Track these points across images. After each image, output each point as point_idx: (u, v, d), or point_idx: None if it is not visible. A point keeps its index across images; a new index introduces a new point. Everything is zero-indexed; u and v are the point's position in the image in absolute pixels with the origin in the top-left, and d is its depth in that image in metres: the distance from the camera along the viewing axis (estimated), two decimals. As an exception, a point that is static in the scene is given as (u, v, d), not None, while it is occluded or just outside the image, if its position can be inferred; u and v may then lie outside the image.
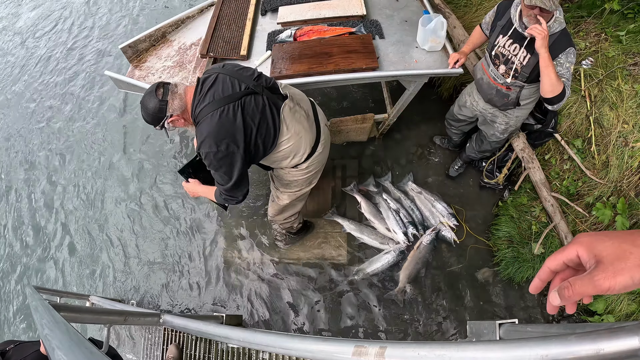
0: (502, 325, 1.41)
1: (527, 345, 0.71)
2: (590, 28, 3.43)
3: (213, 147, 2.04)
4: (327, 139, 2.68)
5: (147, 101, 2.08)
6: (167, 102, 2.07)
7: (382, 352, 0.90)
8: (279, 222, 3.33)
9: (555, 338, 0.68)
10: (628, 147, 2.99)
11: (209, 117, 2.05)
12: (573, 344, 0.64)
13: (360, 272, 3.60)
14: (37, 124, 5.56)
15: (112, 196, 4.59)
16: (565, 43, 2.38)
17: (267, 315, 3.62)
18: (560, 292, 0.65)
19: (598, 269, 0.62)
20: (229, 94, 2.08)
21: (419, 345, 0.86)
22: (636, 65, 3.13)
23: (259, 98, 2.16)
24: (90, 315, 1.82)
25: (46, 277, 4.29)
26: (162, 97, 2.06)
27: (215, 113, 2.04)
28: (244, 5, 3.55)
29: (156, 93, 2.07)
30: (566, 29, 2.40)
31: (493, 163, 3.71)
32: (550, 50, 2.37)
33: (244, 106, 2.08)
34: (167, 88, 2.09)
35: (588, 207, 3.15)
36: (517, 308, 3.40)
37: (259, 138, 2.17)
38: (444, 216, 3.73)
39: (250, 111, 2.10)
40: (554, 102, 2.48)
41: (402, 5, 3.51)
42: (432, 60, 3.06)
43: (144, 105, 2.11)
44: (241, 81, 2.15)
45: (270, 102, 2.20)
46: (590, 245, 0.65)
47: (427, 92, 4.48)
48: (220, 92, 2.09)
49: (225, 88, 2.10)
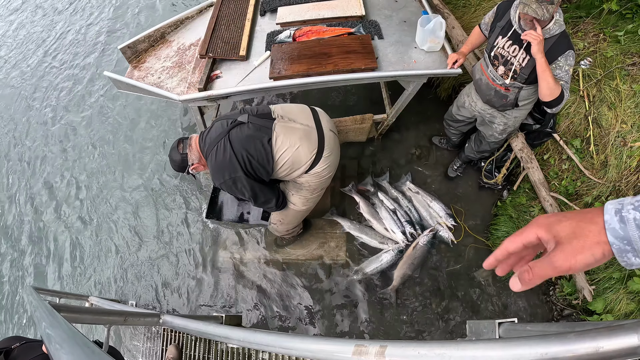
0: (502, 325, 1.42)
1: (527, 344, 0.71)
2: (589, 28, 3.44)
3: (220, 178, 2.51)
4: (334, 144, 2.78)
5: (173, 156, 2.59)
6: (187, 154, 2.56)
7: (383, 351, 0.90)
8: (281, 233, 3.48)
9: (555, 336, 0.68)
10: (626, 147, 3.00)
11: (210, 158, 2.51)
12: (572, 342, 0.64)
13: (360, 271, 3.61)
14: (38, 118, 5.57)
15: (109, 195, 4.58)
16: (565, 46, 2.38)
17: (267, 316, 3.62)
18: (520, 276, 0.66)
19: (556, 249, 0.62)
20: (219, 133, 2.50)
21: (419, 344, 0.86)
22: (634, 66, 3.14)
23: (244, 127, 2.53)
24: (90, 315, 1.82)
25: (43, 278, 4.28)
26: (182, 151, 2.56)
27: (212, 153, 2.48)
28: (243, 6, 3.56)
29: (178, 148, 2.57)
30: (565, 32, 2.41)
31: (492, 163, 3.72)
32: (549, 53, 2.38)
33: (231, 138, 2.48)
34: (185, 143, 2.58)
35: (587, 206, 3.15)
36: (515, 307, 3.40)
37: (252, 159, 2.50)
38: (441, 216, 3.74)
39: (236, 140, 2.48)
40: (552, 105, 2.49)
41: (401, 5, 3.52)
42: (431, 60, 3.06)
43: (171, 159, 2.62)
44: (229, 118, 2.58)
45: (257, 126, 2.54)
46: (549, 227, 0.65)
47: (425, 92, 4.50)
48: (213, 134, 2.52)
49: (216, 130, 2.54)
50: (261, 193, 2.67)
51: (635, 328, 0.59)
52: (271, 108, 2.69)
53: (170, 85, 3.10)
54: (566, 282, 3.21)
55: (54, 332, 1.13)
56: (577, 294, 3.07)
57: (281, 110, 2.68)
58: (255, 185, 2.59)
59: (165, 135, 4.89)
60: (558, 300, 3.33)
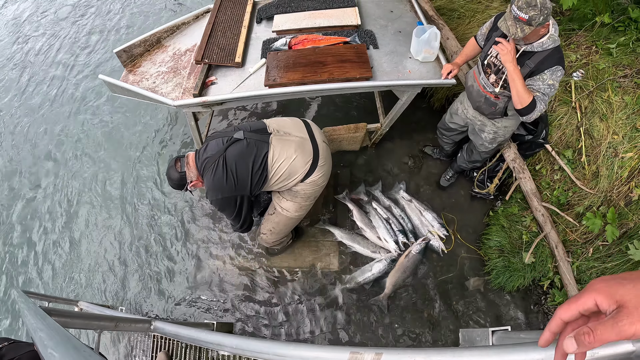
0: (495, 333, 1.42)
1: (522, 350, 0.72)
2: (582, 41, 3.49)
3: (213, 197, 2.59)
4: (327, 154, 2.84)
5: (172, 174, 2.62)
6: (185, 172, 2.60)
7: (378, 358, 0.90)
8: (271, 244, 3.47)
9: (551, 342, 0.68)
10: (618, 158, 3.03)
11: (206, 177, 2.58)
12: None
13: (352, 280, 3.60)
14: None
15: (94, 201, 4.54)
16: (555, 61, 2.41)
17: (258, 323, 3.60)
18: (578, 338, 0.61)
19: (622, 313, 0.59)
20: (215, 152, 2.56)
21: (415, 352, 0.86)
22: (626, 78, 3.19)
23: (241, 143, 2.58)
24: (80, 320, 1.79)
25: (28, 282, 4.20)
26: (181, 169, 2.60)
27: (208, 172, 2.55)
28: (239, 13, 3.57)
29: (176, 166, 2.61)
30: (559, 47, 2.42)
31: (484, 173, 3.74)
32: (539, 65, 2.42)
33: (227, 157, 2.54)
34: (183, 161, 2.62)
35: (578, 216, 3.18)
36: (507, 317, 3.41)
37: (250, 171, 2.58)
38: (433, 226, 3.75)
39: (232, 159, 2.54)
40: (522, 113, 2.52)
41: (397, 16, 3.55)
42: (425, 70, 3.09)
43: (169, 176, 2.65)
44: (224, 137, 2.62)
45: (254, 141, 2.60)
46: (610, 291, 0.62)
47: (419, 102, 4.52)
48: (209, 153, 2.57)
49: (211, 148, 2.59)
50: (247, 215, 2.85)
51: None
52: (265, 123, 2.75)
53: (165, 90, 3.10)
54: (557, 291, 3.22)
55: (46, 334, 1.12)
56: (569, 304, 3.07)
57: (275, 124, 2.74)
58: (243, 208, 2.76)
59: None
60: (550, 310, 3.34)
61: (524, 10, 2.18)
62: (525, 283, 3.35)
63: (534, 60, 2.43)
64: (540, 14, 2.17)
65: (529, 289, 3.49)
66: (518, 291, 3.47)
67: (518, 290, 3.45)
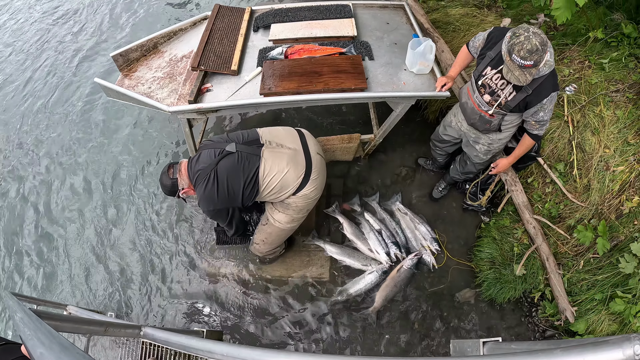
0: (486, 344, 1.42)
1: None
2: (575, 55, 3.53)
3: (205, 208, 2.68)
4: (320, 167, 2.83)
5: (164, 180, 2.66)
6: (177, 179, 2.63)
7: (370, 365, 0.90)
8: (263, 253, 3.50)
9: (542, 352, 0.68)
10: (609, 171, 3.06)
11: (198, 188, 2.60)
12: (559, 358, 0.65)
13: (344, 292, 3.58)
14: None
15: (88, 205, 4.50)
16: (551, 87, 2.44)
17: (248, 333, 3.57)
18: None
19: None
20: (207, 164, 2.57)
21: None
22: (618, 92, 3.23)
23: (231, 157, 2.59)
24: (70, 324, 1.77)
25: (14, 285, 4.14)
26: (172, 176, 2.63)
27: (200, 184, 2.57)
28: (236, 21, 3.59)
29: (168, 173, 2.64)
30: (554, 71, 2.45)
31: (477, 185, 3.76)
32: (536, 93, 2.46)
33: (219, 171, 2.56)
34: (175, 168, 2.65)
35: (569, 229, 3.20)
36: (498, 328, 3.42)
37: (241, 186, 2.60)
38: (426, 240, 3.75)
39: (224, 173, 2.56)
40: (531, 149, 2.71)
41: (393, 28, 3.59)
42: (420, 82, 3.11)
43: (162, 183, 2.70)
44: (217, 148, 2.64)
45: (245, 155, 2.61)
46: None
47: (413, 114, 4.54)
48: (201, 164, 2.59)
49: (204, 160, 2.60)
50: (240, 223, 3.01)
51: (620, 343, 0.60)
52: (259, 132, 2.76)
53: (160, 96, 3.09)
54: (548, 303, 3.23)
55: (40, 340, 1.11)
56: (559, 315, 3.09)
57: (269, 134, 2.75)
58: (234, 218, 2.90)
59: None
60: (540, 322, 3.35)
61: (527, 58, 2.19)
62: (516, 295, 3.36)
63: (532, 85, 2.45)
64: (542, 52, 2.19)
65: (519, 300, 3.50)
66: (509, 303, 3.48)
67: (509, 301, 3.46)
